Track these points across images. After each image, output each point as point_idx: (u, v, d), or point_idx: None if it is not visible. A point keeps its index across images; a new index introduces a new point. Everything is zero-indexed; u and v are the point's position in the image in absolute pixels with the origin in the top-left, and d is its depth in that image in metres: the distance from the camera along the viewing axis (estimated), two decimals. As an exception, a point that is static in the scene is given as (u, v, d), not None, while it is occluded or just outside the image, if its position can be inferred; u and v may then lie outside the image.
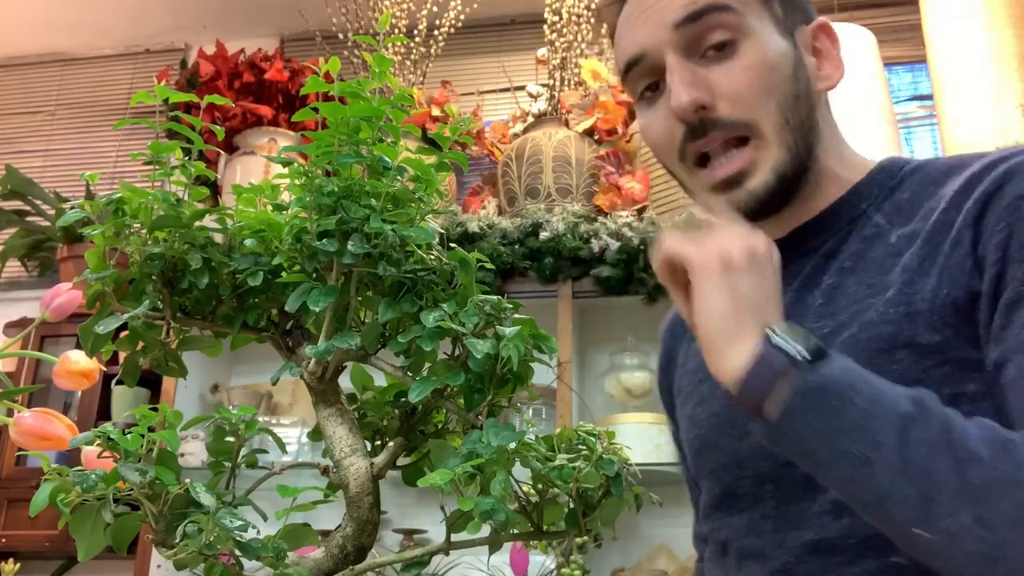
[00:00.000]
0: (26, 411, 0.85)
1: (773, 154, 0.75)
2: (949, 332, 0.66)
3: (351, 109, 0.70)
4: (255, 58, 2.78)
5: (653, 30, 0.76)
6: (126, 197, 0.73)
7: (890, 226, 0.75)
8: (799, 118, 0.76)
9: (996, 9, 2.03)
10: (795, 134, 0.76)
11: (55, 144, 3.31)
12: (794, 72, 0.76)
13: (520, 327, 0.66)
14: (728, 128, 0.75)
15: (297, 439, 2.26)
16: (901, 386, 0.60)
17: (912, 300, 0.68)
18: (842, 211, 0.79)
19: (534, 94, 2.58)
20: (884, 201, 0.77)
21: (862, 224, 0.77)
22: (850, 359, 0.62)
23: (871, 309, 0.70)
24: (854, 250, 0.76)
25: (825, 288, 0.76)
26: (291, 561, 0.64)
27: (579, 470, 0.61)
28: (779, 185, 0.75)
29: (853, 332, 0.70)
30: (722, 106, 0.74)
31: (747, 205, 0.76)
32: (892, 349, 0.67)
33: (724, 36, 0.74)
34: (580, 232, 2.18)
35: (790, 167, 0.76)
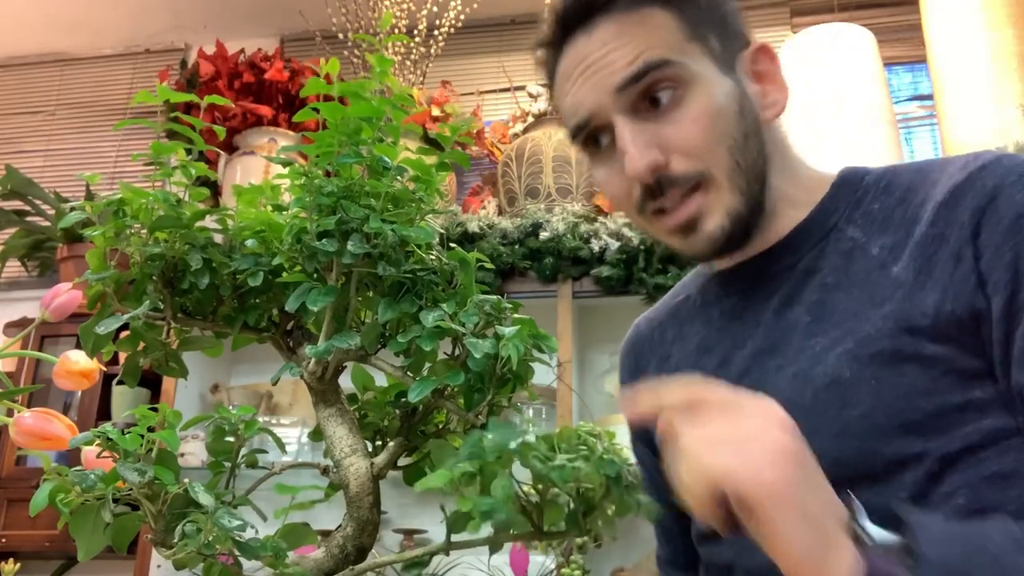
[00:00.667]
0: (26, 411, 0.85)
1: (725, 198, 0.75)
2: (952, 345, 0.67)
3: (351, 109, 0.70)
4: (255, 58, 2.78)
5: (596, 94, 0.76)
6: (126, 198, 0.73)
7: (866, 238, 0.75)
8: (750, 158, 0.76)
9: (996, 9, 2.03)
10: (747, 175, 0.76)
11: (55, 144, 3.31)
12: (740, 110, 0.76)
13: (520, 327, 0.66)
14: (683, 183, 0.75)
15: (297, 439, 2.26)
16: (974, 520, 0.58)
17: (912, 315, 0.68)
18: (812, 228, 0.79)
19: (534, 94, 2.58)
20: (853, 212, 0.77)
21: (836, 239, 0.77)
22: (938, 531, 0.56)
23: (867, 323, 0.70)
24: (835, 265, 0.76)
25: (811, 305, 0.75)
26: (291, 561, 0.64)
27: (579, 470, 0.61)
28: (734, 226, 0.76)
29: (849, 347, 0.70)
30: (675, 162, 0.74)
31: (707, 247, 0.77)
32: (898, 363, 0.67)
33: (668, 91, 0.74)
34: (580, 232, 2.18)
35: (744, 207, 0.76)
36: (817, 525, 0.54)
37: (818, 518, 0.54)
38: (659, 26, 0.75)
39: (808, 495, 0.55)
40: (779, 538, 0.54)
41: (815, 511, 0.54)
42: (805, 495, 0.54)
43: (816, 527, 0.54)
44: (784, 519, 0.54)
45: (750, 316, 0.80)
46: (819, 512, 0.55)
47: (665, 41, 0.75)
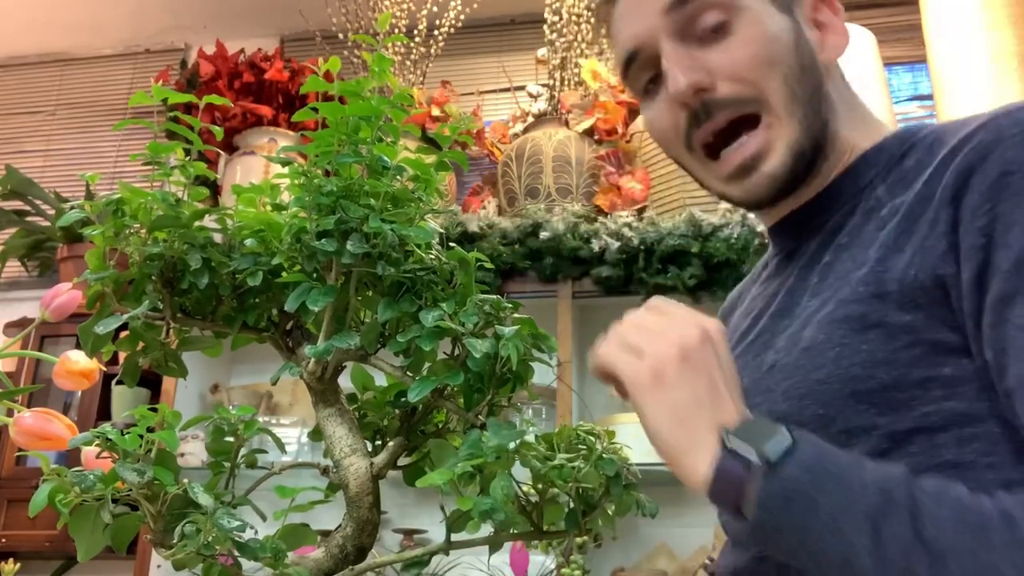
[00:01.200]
0: (26, 411, 0.85)
1: (787, 131, 0.71)
2: (920, 314, 0.63)
3: (351, 109, 0.70)
4: (255, 58, 2.78)
5: (645, 20, 0.74)
6: (126, 197, 0.73)
7: (889, 197, 0.70)
8: (808, 90, 0.72)
9: (996, 9, 2.03)
10: (806, 107, 0.72)
11: (55, 144, 3.31)
12: (795, 44, 0.72)
13: (520, 327, 0.66)
14: (733, 107, 0.72)
15: (297, 439, 2.26)
16: (876, 467, 0.57)
17: (883, 279, 0.64)
18: (846, 184, 0.74)
19: (534, 94, 2.58)
20: (891, 171, 0.72)
21: (867, 196, 0.72)
22: (817, 442, 0.59)
23: (847, 286, 0.67)
24: (854, 224, 0.72)
25: (823, 266, 0.72)
26: (291, 561, 0.64)
27: (579, 469, 0.61)
28: (796, 164, 0.72)
29: (829, 310, 0.68)
30: (723, 86, 0.71)
31: (766, 189, 0.73)
32: (863, 329, 0.64)
33: (717, 16, 0.72)
34: (580, 232, 2.18)
35: (806, 143, 0.72)
36: (685, 424, 0.60)
37: (687, 418, 0.60)
38: None
39: (681, 395, 0.60)
40: (645, 423, 0.61)
41: (685, 411, 0.60)
42: (676, 393, 0.60)
43: (684, 425, 0.60)
44: (649, 409, 0.61)
45: (784, 274, 0.78)
46: (689, 413, 0.60)
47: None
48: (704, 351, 0.62)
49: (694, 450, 0.59)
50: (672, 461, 0.61)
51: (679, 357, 0.61)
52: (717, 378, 0.62)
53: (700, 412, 0.60)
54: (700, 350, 0.62)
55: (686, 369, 0.61)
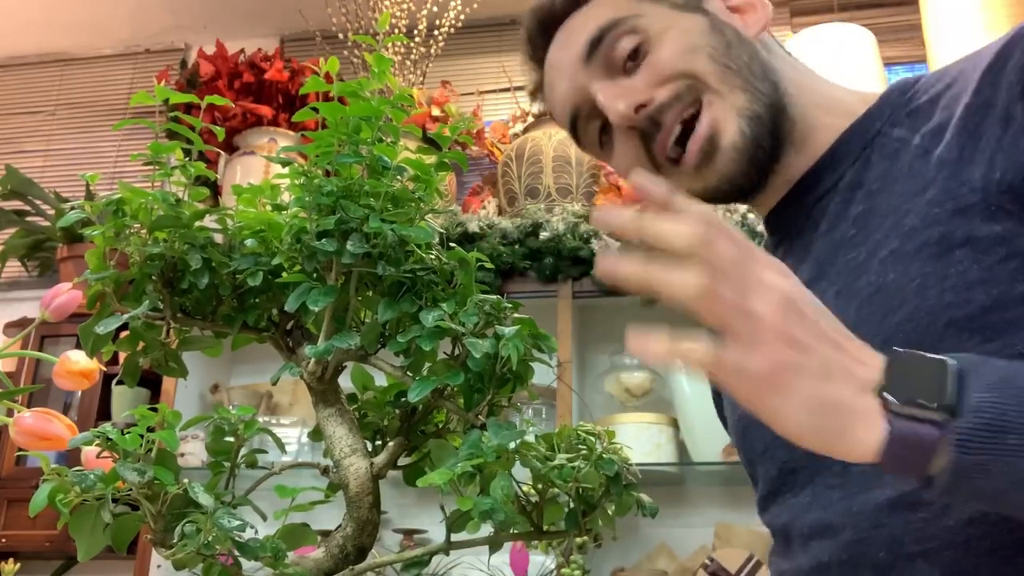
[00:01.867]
0: (26, 411, 0.85)
1: (728, 100, 0.70)
2: (1011, 221, 0.56)
3: (351, 109, 0.70)
4: (255, 58, 2.78)
5: (569, 78, 0.76)
6: (126, 197, 0.73)
7: (912, 132, 0.66)
8: (741, 60, 0.71)
9: (996, 9, 2.03)
10: (744, 73, 0.71)
11: (55, 144, 3.31)
12: (711, 28, 0.72)
13: (520, 327, 0.66)
14: (674, 104, 0.71)
15: (297, 439, 2.26)
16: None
17: (959, 193, 0.58)
18: (853, 139, 0.71)
19: (534, 94, 2.58)
20: (900, 113, 0.69)
21: (881, 144, 0.68)
22: (992, 371, 0.48)
23: (910, 216, 0.61)
24: (879, 171, 0.67)
25: (856, 217, 0.67)
26: (291, 561, 0.64)
27: (579, 470, 0.61)
28: (756, 127, 0.69)
29: (894, 247, 0.61)
30: (658, 93, 0.71)
31: (737, 163, 0.70)
32: (947, 251, 0.57)
33: (631, 42, 0.73)
34: (580, 232, 2.18)
35: (759, 107, 0.70)
36: (829, 402, 0.48)
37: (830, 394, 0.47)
38: (608, 3, 0.75)
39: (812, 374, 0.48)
40: (787, 423, 0.48)
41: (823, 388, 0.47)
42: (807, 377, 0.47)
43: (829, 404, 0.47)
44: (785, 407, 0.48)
45: (800, 250, 0.73)
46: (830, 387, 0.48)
47: (616, 8, 0.74)
48: (802, 313, 0.49)
49: (852, 426, 0.48)
50: (830, 449, 0.48)
51: (782, 333, 0.47)
52: (828, 332, 0.49)
53: (835, 381, 0.48)
54: (796, 312, 0.48)
55: (795, 339, 0.48)
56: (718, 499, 2.17)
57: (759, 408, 0.48)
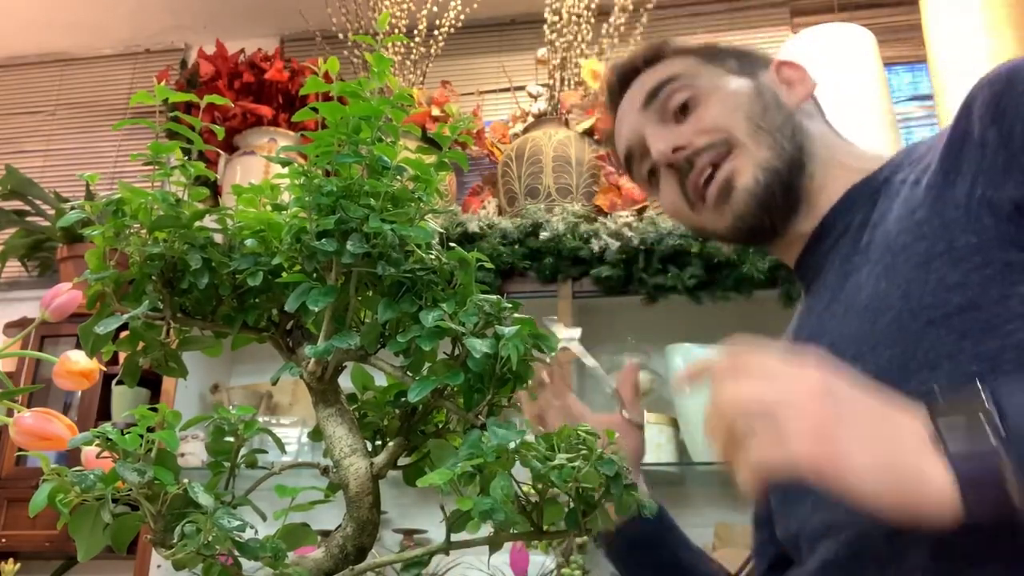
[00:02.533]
0: (26, 411, 0.85)
1: (753, 154, 0.80)
2: (988, 233, 0.61)
3: (351, 109, 0.70)
4: (255, 58, 2.78)
5: (631, 121, 0.90)
6: (126, 197, 0.73)
7: (911, 173, 0.75)
8: (774, 123, 0.82)
9: (996, 9, 2.03)
10: (775, 135, 0.81)
11: (55, 144, 3.31)
12: (756, 91, 0.84)
13: (519, 327, 0.66)
14: (708, 151, 0.82)
15: (297, 439, 2.26)
16: None
17: (943, 210, 0.65)
18: (864, 188, 0.80)
19: (534, 94, 2.58)
20: (904, 163, 0.78)
21: (887, 188, 0.77)
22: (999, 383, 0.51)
23: (901, 235, 0.69)
24: (883, 208, 0.75)
25: (862, 248, 0.75)
26: (291, 561, 0.64)
27: (579, 470, 0.61)
28: (769, 177, 0.80)
29: (887, 262, 0.69)
30: (696, 140, 0.83)
31: (747, 205, 0.81)
32: (930, 260, 0.64)
33: (684, 95, 0.85)
34: (580, 232, 2.18)
35: (778, 163, 0.80)
36: (886, 458, 0.50)
37: (884, 451, 0.50)
38: (677, 62, 0.89)
39: (861, 430, 0.50)
40: (856, 485, 0.50)
41: (876, 445, 0.50)
42: (857, 433, 0.50)
43: (886, 461, 0.50)
44: (850, 470, 0.50)
45: (820, 289, 0.82)
46: (882, 444, 0.50)
47: (682, 67, 0.88)
48: (834, 380, 0.53)
49: (920, 475, 0.49)
50: (906, 506, 0.50)
51: (822, 401, 0.52)
52: (864, 396, 0.53)
53: (891, 442, 0.51)
54: (825, 382, 0.53)
55: (836, 407, 0.52)
56: (718, 499, 2.17)
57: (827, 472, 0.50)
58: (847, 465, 0.50)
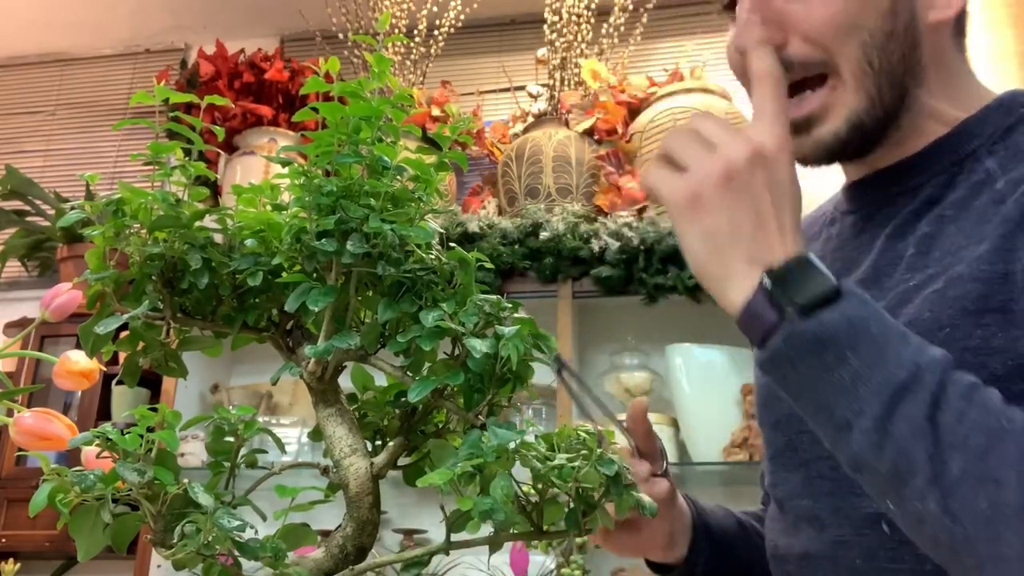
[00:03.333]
0: (26, 411, 0.85)
1: (850, 100, 0.68)
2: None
3: (351, 109, 0.70)
4: (255, 58, 2.78)
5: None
6: (126, 198, 0.73)
7: (1002, 171, 0.65)
8: (890, 60, 0.67)
9: (996, 9, 2.03)
10: (881, 79, 0.67)
11: (55, 144, 3.31)
12: (891, 7, 0.67)
13: (520, 327, 0.66)
14: (797, 70, 0.68)
15: (297, 439, 2.26)
16: (920, 345, 0.53)
17: (1010, 258, 0.59)
18: (944, 152, 0.69)
19: (534, 94, 2.58)
20: (998, 143, 0.67)
21: (971, 168, 0.67)
22: (867, 301, 0.54)
23: (962, 263, 0.62)
24: (958, 196, 0.66)
25: (920, 237, 0.67)
26: (291, 561, 0.64)
27: (579, 470, 0.61)
28: (852, 134, 0.69)
29: (938, 288, 0.62)
30: (794, 44, 0.68)
31: (814, 153, 0.70)
32: (980, 312, 0.59)
33: None
34: (580, 232, 2.18)
35: (868, 117, 0.68)
36: (719, 251, 0.57)
37: (723, 246, 0.56)
38: None
39: (719, 221, 0.56)
40: (681, 244, 0.59)
41: (722, 238, 0.56)
42: (716, 219, 0.56)
43: (717, 253, 0.57)
44: (683, 232, 0.58)
45: (865, 238, 0.74)
46: (727, 241, 0.56)
47: None
48: (754, 174, 0.56)
49: (728, 280, 0.57)
50: (707, 287, 0.58)
51: (722, 179, 0.56)
52: (764, 206, 0.56)
53: (738, 242, 0.56)
54: (748, 172, 0.56)
55: (727, 193, 0.56)
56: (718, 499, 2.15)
57: (674, 224, 0.59)
58: (691, 233, 0.57)
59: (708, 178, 0.57)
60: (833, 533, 0.67)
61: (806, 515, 0.70)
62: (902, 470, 0.51)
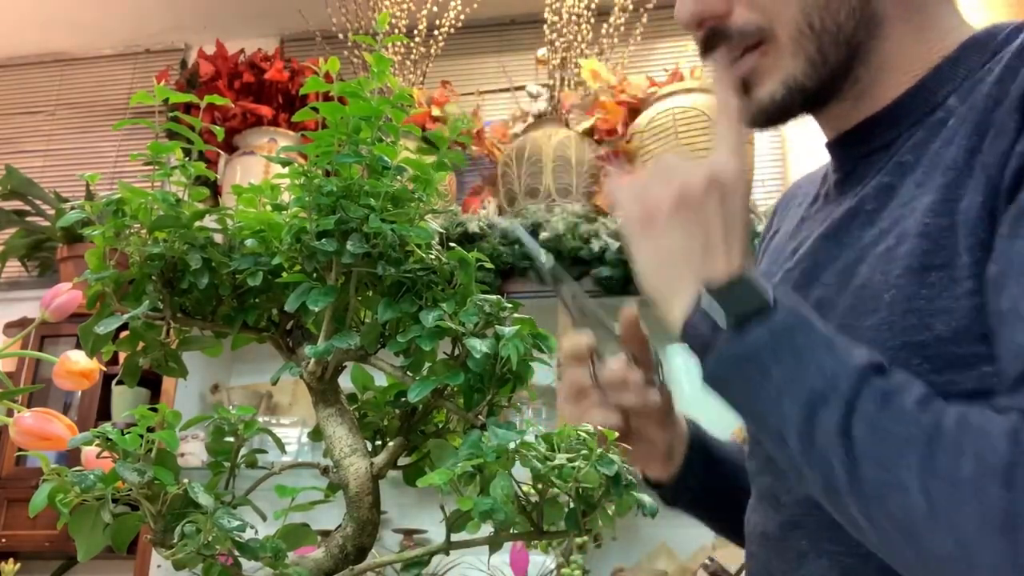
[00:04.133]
0: (26, 411, 0.85)
1: (784, 63, 0.66)
2: (985, 254, 0.54)
3: (351, 109, 0.70)
4: (255, 58, 2.78)
5: None
6: (126, 197, 0.73)
7: (959, 103, 0.62)
8: (834, 19, 0.64)
9: (996, 9, 2.03)
10: (823, 39, 0.65)
11: (55, 144, 3.31)
12: None
13: (519, 327, 0.66)
14: (736, 39, 0.67)
15: (297, 439, 2.26)
16: (844, 351, 0.53)
17: (955, 208, 0.56)
18: (916, 102, 0.65)
19: (534, 94, 2.58)
20: (965, 82, 0.63)
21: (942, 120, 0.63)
22: (797, 312, 0.56)
23: (910, 216, 0.59)
24: (918, 139, 0.63)
25: (879, 190, 0.65)
26: (291, 561, 0.64)
27: (579, 469, 0.61)
28: (791, 97, 0.67)
29: (889, 244, 0.60)
30: (737, 11, 0.66)
31: (754, 116, 0.69)
32: (925, 269, 0.57)
33: None
34: (580, 232, 2.18)
35: (809, 78, 0.66)
36: (667, 271, 0.61)
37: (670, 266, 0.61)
38: None
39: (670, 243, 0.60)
40: (634, 257, 0.63)
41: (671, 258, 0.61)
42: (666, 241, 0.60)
43: (665, 272, 0.61)
44: (635, 246, 0.63)
45: (838, 201, 0.71)
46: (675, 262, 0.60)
47: None
48: (706, 199, 0.60)
49: (673, 299, 0.61)
50: (656, 304, 0.63)
51: (674, 204, 0.60)
52: (714, 229, 0.60)
53: (686, 263, 0.60)
54: (700, 198, 0.60)
55: (679, 216, 0.60)
56: (718, 499, 2.17)
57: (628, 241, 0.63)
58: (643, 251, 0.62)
59: (663, 200, 0.61)
60: (787, 513, 0.68)
61: (767, 493, 0.72)
62: (827, 479, 0.53)
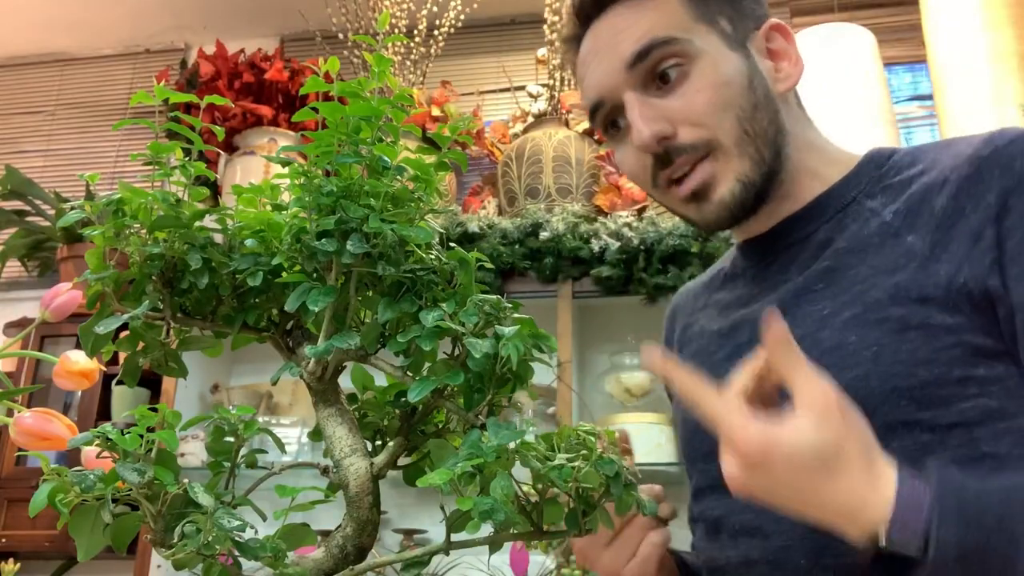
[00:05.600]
0: (26, 411, 0.85)
1: (734, 165, 0.78)
2: (963, 318, 0.67)
3: (351, 109, 0.70)
4: (255, 58, 2.78)
5: (608, 74, 0.80)
6: (126, 197, 0.73)
7: (883, 207, 0.76)
8: (761, 126, 0.78)
9: (996, 9, 2.03)
10: (757, 142, 0.78)
11: (55, 144, 3.31)
12: (749, 84, 0.79)
13: (520, 327, 0.66)
14: (691, 151, 0.78)
15: (297, 439, 2.26)
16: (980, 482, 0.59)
17: (924, 285, 0.68)
18: (831, 201, 0.80)
19: (534, 94, 2.58)
20: (875, 187, 0.78)
21: (855, 211, 0.78)
22: (960, 485, 0.58)
23: (876, 290, 0.71)
24: (851, 232, 0.77)
25: (822, 272, 0.76)
26: (291, 561, 0.64)
27: (579, 469, 0.61)
28: (745, 191, 0.78)
29: (857, 312, 0.71)
30: (683, 132, 0.78)
31: (717, 216, 0.79)
32: (905, 330, 0.68)
33: (674, 65, 0.78)
34: (580, 232, 2.18)
35: (755, 174, 0.78)
36: (851, 489, 0.58)
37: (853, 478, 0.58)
38: (667, 9, 0.80)
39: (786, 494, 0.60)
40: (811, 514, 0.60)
41: (848, 472, 0.58)
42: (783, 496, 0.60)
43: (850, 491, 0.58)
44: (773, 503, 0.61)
45: (767, 284, 0.82)
46: (857, 469, 0.58)
47: (672, 21, 0.79)
48: (778, 453, 0.59)
49: (875, 483, 0.58)
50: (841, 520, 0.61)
51: (762, 459, 0.60)
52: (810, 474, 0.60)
53: (865, 457, 0.59)
54: (771, 455, 0.60)
55: (769, 474, 0.60)
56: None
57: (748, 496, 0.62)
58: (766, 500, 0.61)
59: (740, 457, 0.60)
60: (779, 540, 0.72)
61: (747, 528, 0.75)
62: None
